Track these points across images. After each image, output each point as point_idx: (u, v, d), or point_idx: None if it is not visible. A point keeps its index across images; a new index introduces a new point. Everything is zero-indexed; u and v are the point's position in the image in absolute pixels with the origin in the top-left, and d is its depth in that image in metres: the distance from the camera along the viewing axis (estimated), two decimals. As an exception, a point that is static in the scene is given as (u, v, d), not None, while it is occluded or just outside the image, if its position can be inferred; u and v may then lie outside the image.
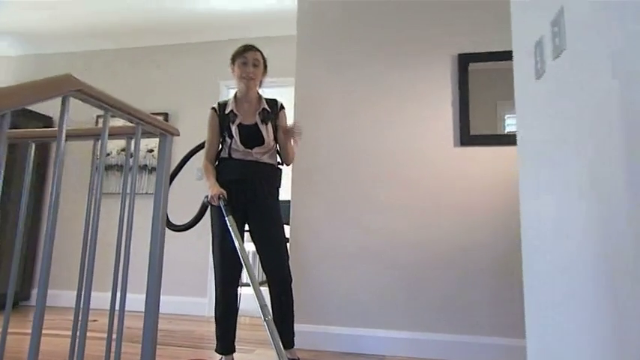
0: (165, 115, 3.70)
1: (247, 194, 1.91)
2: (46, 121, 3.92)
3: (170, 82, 3.81)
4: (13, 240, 2.13)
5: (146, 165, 3.67)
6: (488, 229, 2.31)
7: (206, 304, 3.40)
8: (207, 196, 1.87)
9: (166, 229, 1.34)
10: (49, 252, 0.91)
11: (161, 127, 1.12)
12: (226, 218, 1.74)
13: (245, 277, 1.68)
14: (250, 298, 1.92)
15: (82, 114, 3.88)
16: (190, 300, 3.44)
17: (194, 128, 3.63)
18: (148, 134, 1.15)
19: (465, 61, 2.46)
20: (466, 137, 2.39)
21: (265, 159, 1.96)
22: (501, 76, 2.44)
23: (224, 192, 1.83)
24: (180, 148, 3.62)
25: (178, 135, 1.22)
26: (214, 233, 1.89)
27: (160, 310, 3.41)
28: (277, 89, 3.47)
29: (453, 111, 2.45)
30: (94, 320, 3.17)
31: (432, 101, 2.48)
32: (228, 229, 1.71)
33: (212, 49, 3.74)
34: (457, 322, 2.27)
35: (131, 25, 3.64)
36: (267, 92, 2.36)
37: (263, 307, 1.44)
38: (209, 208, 1.92)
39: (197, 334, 2.75)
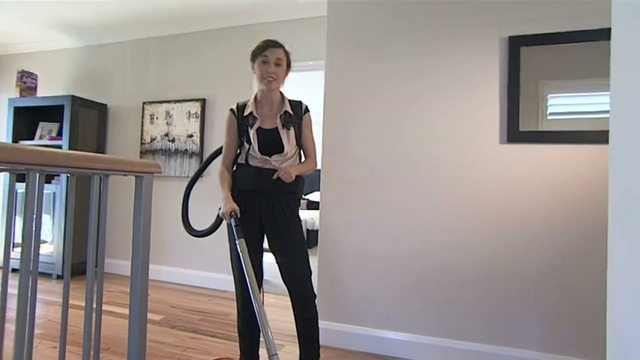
0: (203, 101, 3.43)
1: (263, 207, 1.60)
2: (102, 108, 3.78)
3: (208, 68, 3.50)
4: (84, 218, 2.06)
5: (186, 150, 3.46)
6: (532, 236, 1.88)
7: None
8: (220, 208, 1.58)
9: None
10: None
11: (132, 170, 0.81)
12: (237, 241, 1.45)
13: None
14: (273, 267, 1.67)
15: (132, 99, 3.74)
16: (230, 278, 3.29)
17: (230, 114, 3.35)
18: (122, 174, 0.84)
19: (516, 44, 1.91)
20: (514, 133, 1.90)
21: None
22: (547, 53, 1.89)
23: (237, 209, 1.52)
24: (215, 132, 3.40)
25: (160, 172, 0.90)
26: (231, 246, 1.61)
27: (204, 285, 3.33)
28: (308, 73, 3.07)
29: (500, 103, 1.94)
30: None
31: (476, 91, 1.99)
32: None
33: (247, 33, 3.35)
34: (488, 332, 1.92)
35: (170, 12, 3.31)
36: (297, 76, 1.95)
37: (272, 357, 1.16)
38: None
39: (232, 318, 2.59)
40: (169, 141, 3.52)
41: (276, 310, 2.64)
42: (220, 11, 3.27)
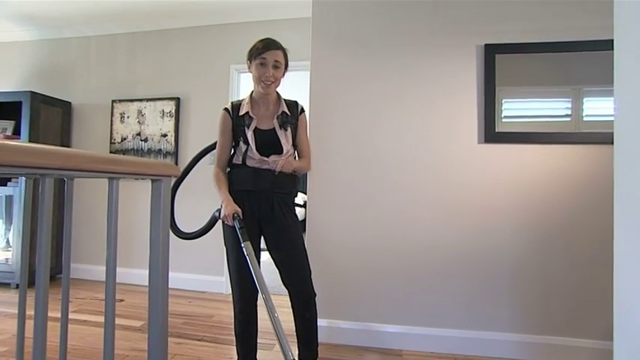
0: (177, 100, 3.21)
1: (262, 207, 1.50)
2: (65, 106, 3.40)
3: (182, 66, 3.27)
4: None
5: (160, 149, 3.22)
6: (509, 229, 1.95)
7: (223, 283, 3.10)
8: (218, 211, 1.45)
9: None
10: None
11: (149, 172, 0.69)
12: (242, 245, 1.34)
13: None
14: (269, 263, 1.58)
15: (99, 97, 3.40)
16: (209, 278, 3.13)
17: (205, 113, 3.16)
18: (140, 177, 0.72)
19: (492, 51, 1.96)
20: (491, 133, 1.95)
21: None
22: (501, 61, 1.96)
23: (239, 210, 1.41)
24: (191, 131, 3.19)
25: (178, 175, 0.79)
26: (229, 249, 1.50)
27: (182, 287, 3.13)
28: (292, 73, 2.95)
29: (477, 105, 1.98)
30: (121, 300, 2.88)
31: (456, 94, 2.02)
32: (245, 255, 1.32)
33: (223, 32, 3.18)
34: (474, 319, 1.96)
35: (142, 8, 3.05)
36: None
37: (290, 363, 1.08)
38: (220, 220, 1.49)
39: (216, 320, 2.45)
40: (142, 140, 3.25)
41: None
42: (194, 9, 3.07)
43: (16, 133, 3.25)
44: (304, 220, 2.20)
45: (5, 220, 3.34)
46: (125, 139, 3.29)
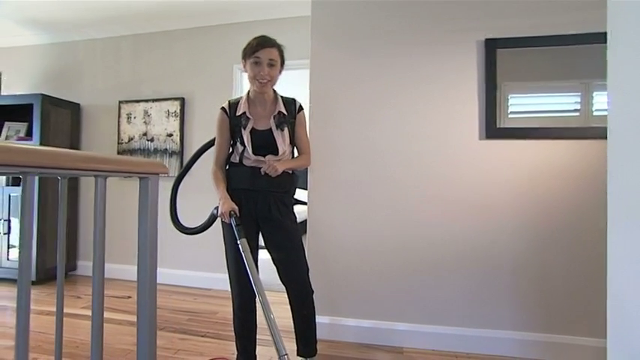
0: (182, 100, 3.25)
1: (259, 205, 1.51)
2: (74, 108, 3.48)
3: (186, 67, 3.31)
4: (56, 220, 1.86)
5: (166, 149, 3.27)
6: (511, 227, 1.92)
7: (228, 280, 3.12)
8: (217, 208, 1.48)
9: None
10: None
11: (136, 170, 0.71)
12: (239, 242, 1.36)
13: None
14: (267, 264, 1.60)
15: (106, 98, 3.47)
16: (214, 276, 3.17)
17: (209, 112, 3.19)
18: (127, 175, 0.73)
19: (492, 46, 1.93)
20: (492, 130, 1.92)
21: None
22: (507, 56, 1.93)
23: (236, 208, 1.43)
24: (195, 131, 3.23)
25: (166, 173, 0.80)
26: (227, 246, 1.52)
27: (187, 284, 3.17)
28: (292, 71, 2.96)
29: (479, 101, 1.95)
30: (128, 297, 2.95)
31: (457, 91, 2.00)
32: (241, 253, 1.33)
33: (225, 32, 3.20)
34: (475, 317, 1.95)
35: (146, 10, 3.10)
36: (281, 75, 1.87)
37: (282, 357, 1.10)
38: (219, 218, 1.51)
39: (220, 317, 2.48)
40: (148, 140, 3.30)
41: (271, 306, 2.56)
42: (196, 10, 3.10)
43: (29, 134, 3.35)
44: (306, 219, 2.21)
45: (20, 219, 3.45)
46: (132, 139, 3.35)
